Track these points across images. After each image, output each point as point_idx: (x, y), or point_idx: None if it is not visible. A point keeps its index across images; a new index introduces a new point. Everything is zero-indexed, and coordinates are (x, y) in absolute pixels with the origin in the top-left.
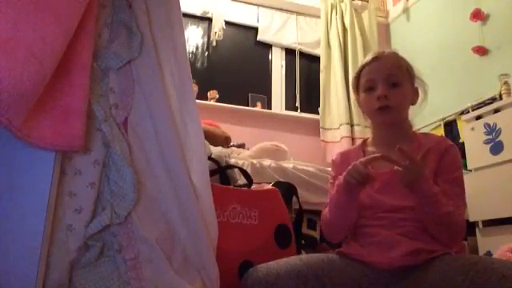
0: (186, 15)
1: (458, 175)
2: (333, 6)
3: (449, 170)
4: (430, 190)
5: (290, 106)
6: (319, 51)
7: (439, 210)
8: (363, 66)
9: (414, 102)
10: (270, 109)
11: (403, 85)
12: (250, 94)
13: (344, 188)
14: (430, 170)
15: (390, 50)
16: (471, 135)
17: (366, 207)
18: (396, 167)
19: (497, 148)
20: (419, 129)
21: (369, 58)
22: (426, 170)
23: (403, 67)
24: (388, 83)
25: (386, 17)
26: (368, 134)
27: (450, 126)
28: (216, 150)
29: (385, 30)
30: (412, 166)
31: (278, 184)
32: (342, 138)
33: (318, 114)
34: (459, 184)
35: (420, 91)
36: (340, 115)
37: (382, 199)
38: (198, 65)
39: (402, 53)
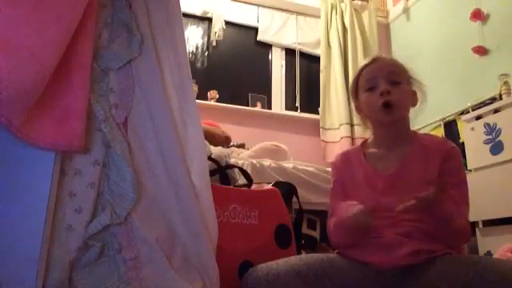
0: (186, 15)
1: (462, 178)
2: (333, 6)
3: (453, 173)
4: (445, 213)
5: (290, 106)
6: (319, 51)
7: (452, 226)
8: (362, 69)
9: (413, 104)
10: (270, 109)
11: (403, 83)
12: (250, 94)
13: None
14: (431, 172)
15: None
16: (471, 135)
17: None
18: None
19: (497, 148)
20: (419, 129)
21: (367, 60)
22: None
23: (402, 68)
24: (389, 81)
25: (386, 17)
26: (368, 134)
27: (450, 126)
28: (216, 150)
29: (385, 29)
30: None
31: (278, 184)
32: (341, 138)
33: (318, 113)
34: (463, 187)
35: (418, 93)
36: (340, 115)
37: (385, 201)
38: (198, 65)
39: (402, 52)
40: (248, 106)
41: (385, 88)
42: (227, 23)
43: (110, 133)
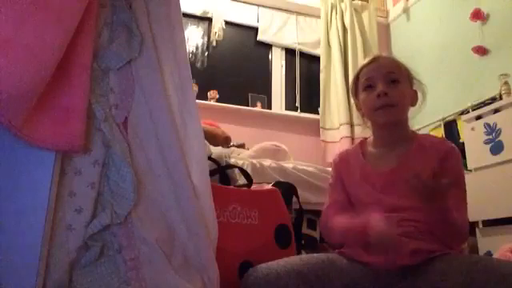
0: (186, 15)
1: (461, 178)
2: (333, 6)
3: (451, 172)
4: (444, 207)
5: (290, 105)
6: (319, 51)
7: (449, 219)
8: (362, 68)
9: (413, 104)
10: (270, 109)
11: (402, 83)
12: (250, 94)
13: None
14: (430, 171)
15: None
16: (471, 135)
17: (366, 206)
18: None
19: (497, 148)
20: (419, 129)
21: (367, 59)
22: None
23: (402, 67)
24: (387, 81)
25: (386, 17)
26: (368, 134)
27: (450, 126)
28: (216, 150)
29: (385, 30)
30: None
31: (278, 184)
32: (341, 138)
33: (318, 113)
34: (461, 187)
35: (419, 93)
36: (340, 115)
37: (382, 198)
38: (198, 65)
39: (402, 52)
40: (248, 106)
41: (382, 90)
42: (227, 23)
43: (109, 133)
